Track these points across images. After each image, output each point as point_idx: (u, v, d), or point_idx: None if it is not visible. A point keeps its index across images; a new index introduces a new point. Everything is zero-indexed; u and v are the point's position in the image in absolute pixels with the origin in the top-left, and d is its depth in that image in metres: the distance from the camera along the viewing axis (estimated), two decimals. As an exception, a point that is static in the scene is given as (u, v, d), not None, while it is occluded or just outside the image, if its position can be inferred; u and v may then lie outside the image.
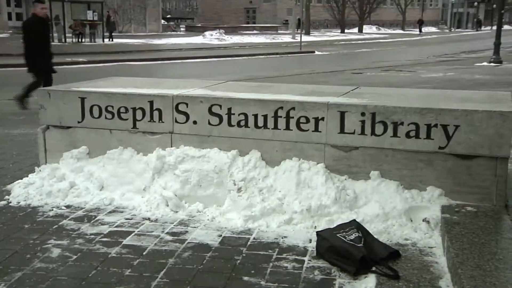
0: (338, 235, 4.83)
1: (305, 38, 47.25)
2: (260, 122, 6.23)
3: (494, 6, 54.17)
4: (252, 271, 4.58)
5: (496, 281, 4.05)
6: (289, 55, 34.36)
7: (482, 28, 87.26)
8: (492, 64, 24.96)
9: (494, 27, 33.20)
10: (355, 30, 68.41)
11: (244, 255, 4.90)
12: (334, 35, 59.87)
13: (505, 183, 5.72)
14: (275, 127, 6.19)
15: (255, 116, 6.24)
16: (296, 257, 4.88)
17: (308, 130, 6.10)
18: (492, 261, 4.42)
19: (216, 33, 48.81)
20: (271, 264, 4.73)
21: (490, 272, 4.21)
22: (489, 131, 5.57)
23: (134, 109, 6.59)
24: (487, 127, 5.59)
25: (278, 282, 4.40)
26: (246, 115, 6.27)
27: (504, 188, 5.70)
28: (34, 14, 11.27)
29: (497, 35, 26.68)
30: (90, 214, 5.78)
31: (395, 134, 5.84)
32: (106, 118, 6.70)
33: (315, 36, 54.58)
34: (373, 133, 5.91)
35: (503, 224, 5.23)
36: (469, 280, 4.08)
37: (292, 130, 6.13)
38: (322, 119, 6.03)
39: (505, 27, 47.40)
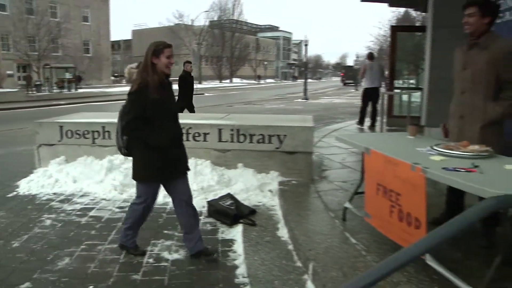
0: (220, 202, 4.84)
1: (199, 86, 46.78)
2: (172, 137, 6.12)
3: (302, 68, 56.28)
4: (170, 227, 4.50)
5: (306, 221, 4.24)
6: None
7: (298, 80, 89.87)
8: (303, 100, 25.98)
9: (300, 81, 34.80)
10: (228, 81, 68.74)
11: (164, 218, 4.80)
12: (215, 84, 59.62)
13: (311, 167, 5.93)
14: (181, 140, 6.10)
15: (169, 134, 6.12)
16: (196, 217, 4.85)
17: (200, 140, 6.05)
18: (305, 211, 4.61)
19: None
20: (181, 222, 4.68)
21: (303, 217, 4.39)
22: (303, 138, 5.76)
23: (93, 132, 6.33)
24: (302, 136, 5.78)
25: (186, 232, 4.36)
26: (163, 134, 6.13)
27: (311, 170, 5.90)
28: (185, 70, 10.46)
29: (305, 84, 28.34)
30: (68, 198, 5.47)
31: (251, 141, 5.91)
32: (75, 138, 6.38)
33: (204, 85, 54.21)
34: (238, 141, 5.95)
35: (310, 190, 5.38)
36: (293, 222, 4.25)
37: (190, 141, 6.03)
38: (208, 133, 6.02)
39: (309, 80, 49.25)
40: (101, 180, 5.83)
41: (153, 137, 3.52)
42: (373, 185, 3.41)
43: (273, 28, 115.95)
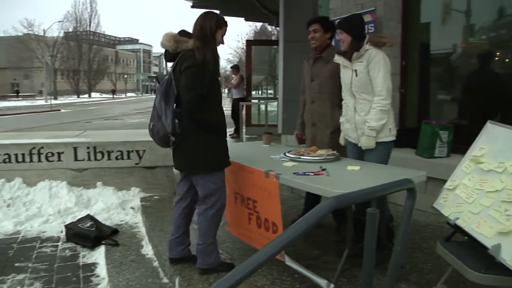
0: (79, 225, 4.56)
1: (54, 101, 43.56)
2: (20, 158, 5.55)
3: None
4: (22, 258, 4.07)
5: (161, 234, 4.12)
6: (43, 112, 31.13)
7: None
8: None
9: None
10: (86, 95, 65.18)
11: (15, 249, 4.32)
12: (73, 99, 55.84)
13: (173, 180, 5.83)
14: (31, 160, 5.57)
15: (16, 154, 5.54)
16: (53, 243, 4.46)
17: (54, 160, 5.59)
18: (168, 225, 4.38)
19: (-10, 101, 42.99)
20: (35, 251, 4.25)
21: (167, 232, 4.19)
22: (162, 152, 5.57)
23: None
24: (161, 150, 5.56)
25: (41, 262, 3.98)
26: (9, 155, 5.53)
27: (172, 183, 5.80)
28: None
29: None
30: None
31: (109, 158, 5.66)
32: None
33: (61, 100, 50.58)
34: (96, 159, 5.65)
35: (173, 203, 5.27)
36: (156, 238, 4.15)
37: (43, 161, 5.58)
38: (63, 152, 5.60)
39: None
40: None
41: (213, 119, 3.03)
42: (231, 194, 3.49)
43: (133, 41, 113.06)
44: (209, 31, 2.97)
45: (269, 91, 14.63)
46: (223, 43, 3.08)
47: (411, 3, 5.48)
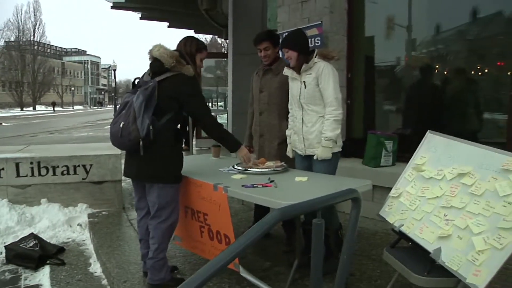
0: (21, 245, 4.31)
1: (-5, 115, 41.66)
2: (-44, 176, 5.24)
3: (112, 94, 52.10)
4: None
5: (119, 252, 4.07)
6: (-18, 127, 29.64)
7: (108, 106, 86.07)
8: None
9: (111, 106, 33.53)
10: (31, 108, 62.72)
11: None
12: (16, 112, 53.61)
13: (121, 195, 5.75)
14: (-32, 178, 5.27)
15: (-48, 173, 5.23)
16: (-10, 267, 4.18)
17: (-7, 177, 5.32)
18: (117, 241, 4.42)
19: None
20: (-32, 277, 3.96)
21: (116, 248, 4.21)
22: (110, 166, 5.52)
23: None
24: (109, 163, 5.54)
25: (-25, 289, 3.72)
26: None
27: (121, 198, 5.72)
28: None
29: (115, 109, 27.43)
30: None
31: (54, 174, 5.42)
32: None
33: (2, 113, 48.22)
34: (40, 174, 5.40)
35: (122, 219, 5.22)
36: (104, 255, 4.03)
37: (-19, 179, 5.28)
38: (3, 169, 5.32)
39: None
40: None
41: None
42: (181, 208, 3.45)
43: (80, 52, 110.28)
44: (194, 54, 3.18)
45: (220, 103, 14.65)
46: (202, 67, 3.32)
47: (356, 17, 5.67)
